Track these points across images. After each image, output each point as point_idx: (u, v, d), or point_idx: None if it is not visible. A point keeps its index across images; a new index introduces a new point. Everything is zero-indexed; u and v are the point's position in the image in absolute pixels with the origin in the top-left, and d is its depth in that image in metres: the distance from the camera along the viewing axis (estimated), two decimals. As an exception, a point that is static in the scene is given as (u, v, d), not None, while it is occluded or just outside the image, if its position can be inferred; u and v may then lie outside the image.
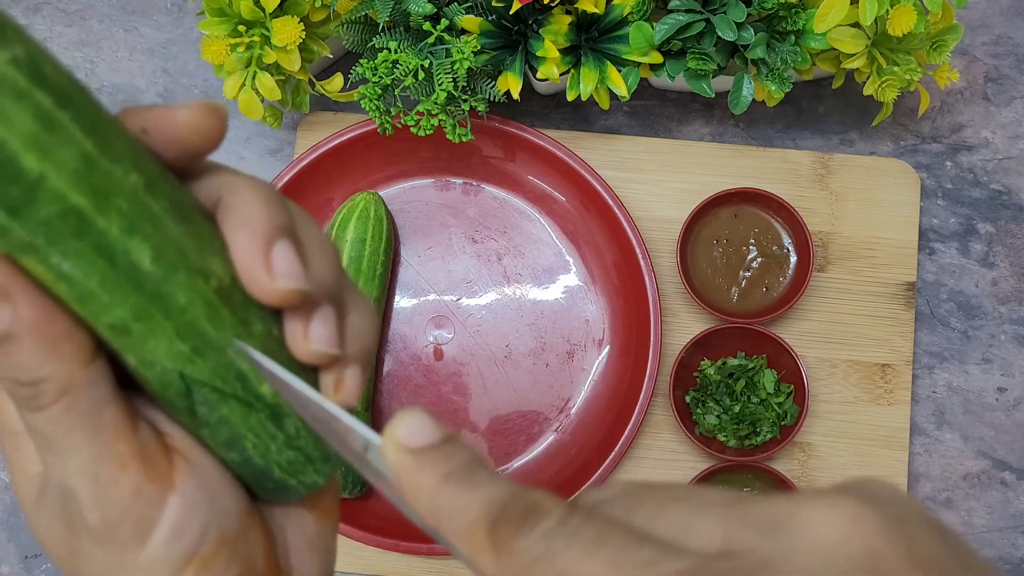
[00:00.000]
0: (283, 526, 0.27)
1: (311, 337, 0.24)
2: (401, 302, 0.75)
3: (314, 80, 0.71)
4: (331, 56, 0.71)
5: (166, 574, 0.23)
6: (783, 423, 0.71)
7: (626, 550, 0.19)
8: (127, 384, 0.24)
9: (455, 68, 0.63)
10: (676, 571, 0.19)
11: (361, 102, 0.66)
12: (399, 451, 0.23)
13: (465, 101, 0.66)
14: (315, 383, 0.26)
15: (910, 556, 0.19)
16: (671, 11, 0.62)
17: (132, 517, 0.23)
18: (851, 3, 0.61)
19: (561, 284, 0.75)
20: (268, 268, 0.23)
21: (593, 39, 0.67)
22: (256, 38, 0.65)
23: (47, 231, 0.21)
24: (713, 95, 0.66)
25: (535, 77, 0.69)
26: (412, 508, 0.23)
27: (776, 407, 0.71)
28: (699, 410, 0.72)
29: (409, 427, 0.23)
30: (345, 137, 0.73)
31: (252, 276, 0.23)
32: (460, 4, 0.64)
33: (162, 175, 0.23)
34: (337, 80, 0.71)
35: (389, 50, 0.64)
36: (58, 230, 0.21)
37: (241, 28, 0.64)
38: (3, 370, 0.22)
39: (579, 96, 0.67)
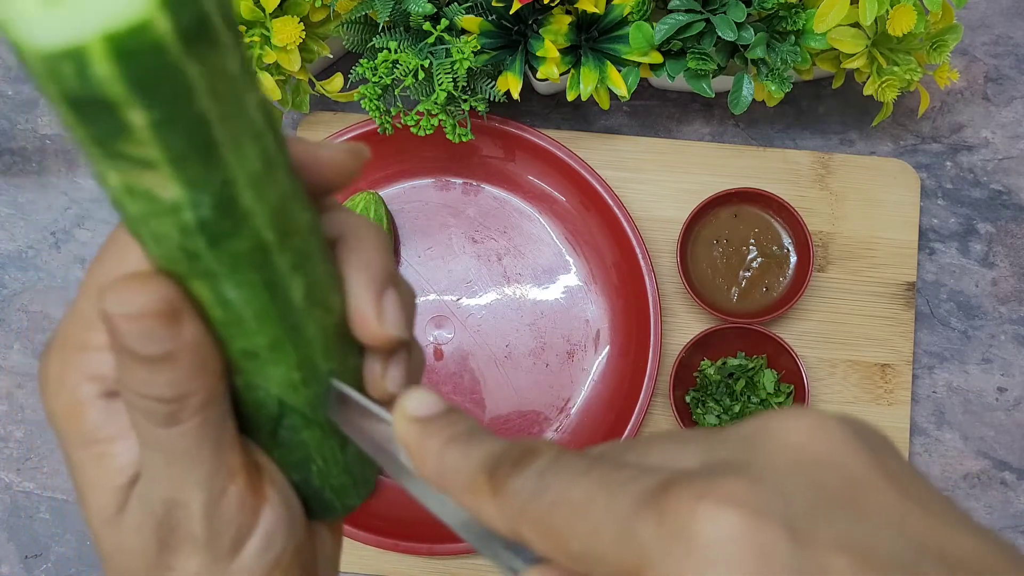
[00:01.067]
0: (314, 543, 0.29)
1: (388, 378, 0.26)
2: (401, 302, 0.75)
3: (314, 80, 0.71)
4: (331, 56, 0.71)
5: None
6: (783, 423, 0.71)
7: (613, 472, 0.21)
8: None
9: (455, 68, 0.63)
10: (659, 480, 0.20)
11: (361, 102, 0.66)
12: (407, 422, 0.24)
13: (465, 101, 0.66)
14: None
15: (875, 464, 0.20)
16: (671, 11, 0.62)
17: (235, 527, 0.24)
18: (851, 3, 0.61)
19: (561, 284, 0.75)
20: (380, 314, 0.25)
21: (593, 39, 0.67)
22: (256, 38, 0.65)
23: (234, 262, 0.21)
24: (713, 95, 0.66)
25: (535, 77, 0.69)
26: (419, 477, 0.24)
27: (776, 407, 0.71)
28: (699, 410, 0.72)
29: (416, 401, 0.24)
30: (345, 137, 0.73)
31: (364, 318, 0.25)
32: (460, 4, 0.64)
33: (316, 213, 0.24)
34: (337, 80, 0.71)
35: (389, 50, 0.64)
36: (243, 263, 0.21)
37: (241, 28, 0.64)
38: (150, 387, 0.22)
39: (579, 96, 0.67)
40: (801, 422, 0.21)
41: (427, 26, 0.63)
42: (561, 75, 0.66)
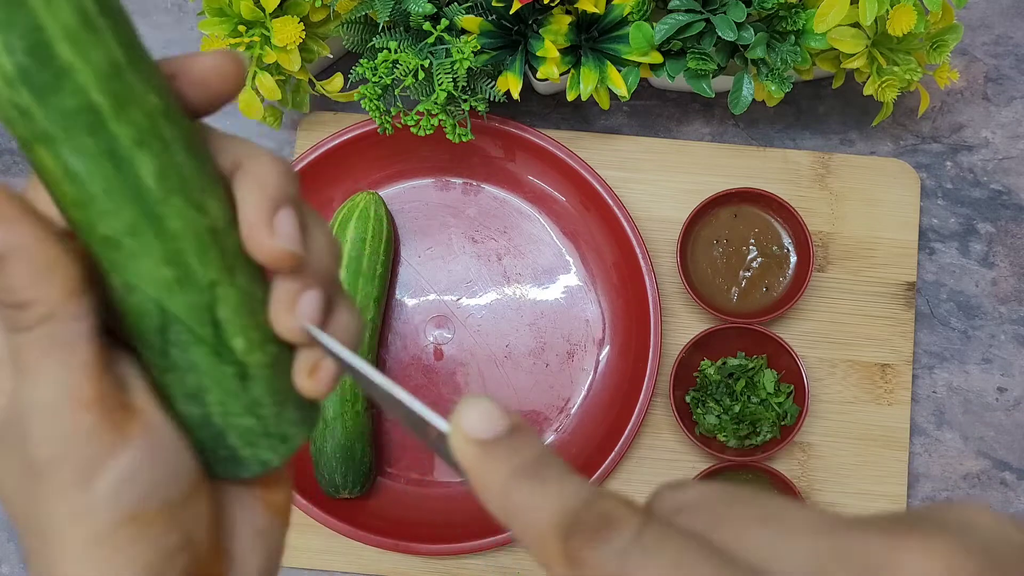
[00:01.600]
0: (232, 510, 0.27)
1: (297, 310, 0.25)
2: (401, 302, 0.75)
3: (314, 80, 0.71)
4: (331, 56, 0.71)
5: (104, 525, 0.23)
6: (783, 423, 0.71)
7: (705, 570, 0.19)
8: (113, 340, 0.25)
9: (455, 68, 0.63)
10: None
11: (361, 102, 0.66)
12: (467, 443, 0.23)
13: (465, 101, 0.66)
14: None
15: None
16: (671, 11, 0.62)
17: (78, 458, 0.23)
18: (851, 3, 0.61)
19: (561, 284, 0.75)
20: (270, 226, 0.24)
21: (593, 39, 0.67)
22: (256, 38, 0.65)
23: (65, 122, 0.22)
24: (713, 95, 0.66)
25: (535, 77, 0.69)
26: (483, 503, 0.23)
27: (776, 407, 0.71)
28: (699, 410, 0.72)
29: (477, 416, 0.23)
30: (345, 137, 0.73)
31: (254, 231, 0.24)
32: (460, 4, 0.64)
33: (181, 114, 0.24)
34: (337, 80, 0.71)
35: (389, 50, 0.64)
36: (75, 123, 0.22)
37: (241, 28, 0.64)
38: None
39: (579, 96, 0.67)
40: (932, 562, 0.19)
41: (427, 26, 0.63)
42: (561, 75, 0.66)
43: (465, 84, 0.65)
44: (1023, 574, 0.19)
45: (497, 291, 0.75)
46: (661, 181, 0.76)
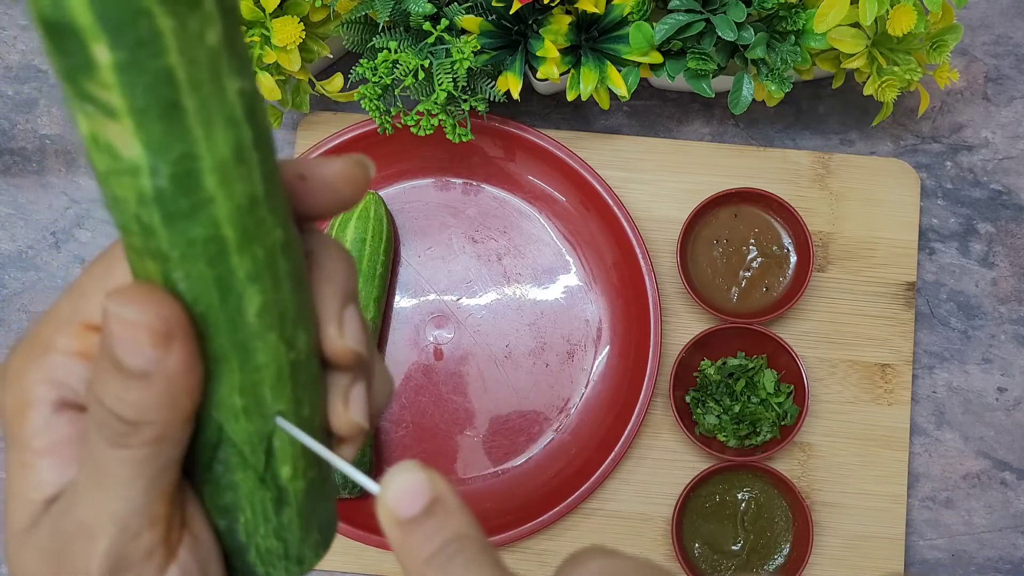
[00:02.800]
0: None
1: (351, 409, 0.26)
2: (401, 302, 0.75)
3: (314, 80, 0.71)
4: (331, 56, 0.71)
5: None
6: (783, 423, 0.72)
7: None
8: None
9: (455, 68, 0.63)
10: None
11: (361, 102, 0.66)
12: (389, 522, 0.23)
13: (465, 101, 0.66)
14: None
15: None
16: (671, 11, 0.62)
17: (136, 573, 0.23)
18: (851, 3, 0.61)
19: (561, 284, 0.75)
20: (341, 326, 0.25)
21: (593, 39, 0.67)
22: (256, 38, 0.65)
23: (187, 249, 0.21)
24: (713, 95, 0.66)
25: (535, 77, 0.69)
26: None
27: (776, 407, 0.71)
28: (699, 410, 0.72)
29: (398, 492, 0.23)
30: (345, 137, 0.73)
31: (328, 330, 0.25)
32: (460, 4, 0.64)
33: (296, 241, 0.23)
34: (337, 80, 0.71)
35: (389, 50, 0.64)
36: (197, 252, 0.21)
37: (242, 28, 0.64)
38: (115, 400, 0.22)
39: (579, 96, 0.67)
40: None
41: (427, 26, 0.63)
42: (561, 75, 0.66)
43: (465, 84, 0.65)
44: None
45: (497, 291, 0.75)
46: (661, 181, 0.76)
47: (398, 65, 0.64)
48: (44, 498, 0.23)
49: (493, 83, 0.67)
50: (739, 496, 0.71)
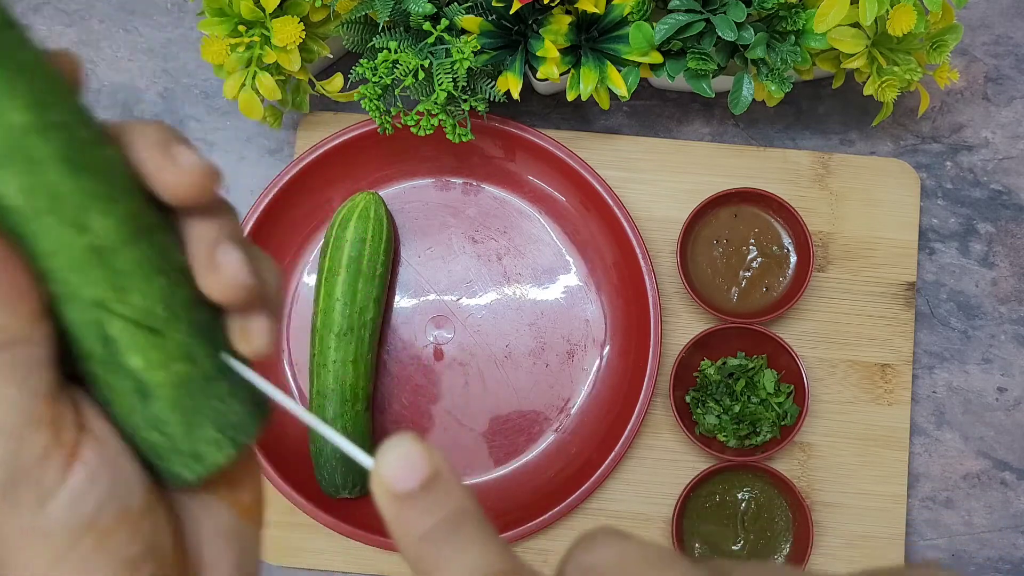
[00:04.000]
0: (196, 515, 0.27)
1: (222, 267, 0.25)
2: (401, 302, 0.75)
3: (314, 80, 0.71)
4: (331, 56, 0.71)
5: (64, 540, 0.23)
6: (783, 423, 0.72)
7: None
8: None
9: (455, 68, 0.63)
10: None
11: (361, 102, 0.66)
12: (384, 496, 0.23)
13: (465, 101, 0.66)
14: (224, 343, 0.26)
15: None
16: (671, 11, 0.62)
17: (35, 478, 0.23)
18: (851, 3, 0.61)
19: (561, 284, 0.75)
20: (211, 268, 0.25)
21: (593, 39, 0.67)
22: (256, 38, 0.65)
23: None
24: (713, 95, 0.66)
25: (535, 77, 0.69)
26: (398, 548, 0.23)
27: (776, 407, 0.71)
28: (699, 410, 0.72)
29: (395, 465, 0.23)
30: (345, 137, 0.73)
31: (198, 277, 0.25)
32: (460, 4, 0.64)
33: (73, 131, 0.23)
34: (337, 80, 0.71)
35: (389, 50, 0.64)
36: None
37: (241, 28, 0.64)
38: None
39: (579, 96, 0.67)
40: None
41: (427, 26, 0.63)
42: (561, 75, 0.66)
43: (465, 84, 0.65)
44: None
45: (497, 291, 0.75)
46: (661, 181, 0.76)
47: (398, 65, 0.64)
48: None
49: (493, 83, 0.67)
50: (739, 496, 0.71)
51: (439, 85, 0.64)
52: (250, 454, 0.29)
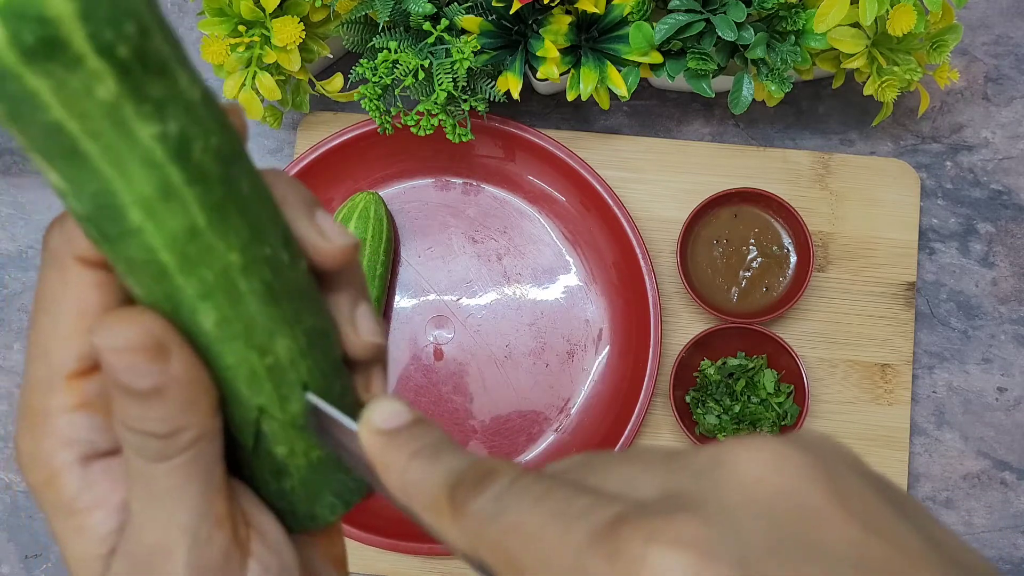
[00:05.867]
0: (315, 573, 0.29)
1: (360, 329, 0.26)
2: (401, 302, 0.75)
3: (314, 80, 0.71)
4: (331, 56, 0.71)
5: None
6: (783, 423, 0.72)
7: (568, 500, 0.20)
8: None
9: (455, 68, 0.63)
10: (612, 514, 0.19)
11: (361, 102, 0.66)
12: (372, 433, 0.24)
13: (465, 101, 0.66)
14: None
15: (835, 495, 0.19)
16: (671, 11, 0.62)
17: None
18: (851, 3, 0.61)
19: (561, 284, 0.75)
20: (354, 326, 0.26)
21: (593, 39, 0.67)
22: (256, 38, 0.65)
23: (130, 266, 0.22)
24: (713, 95, 0.66)
25: (535, 77, 0.69)
26: (386, 489, 0.24)
27: (776, 407, 0.71)
28: (699, 410, 0.72)
29: (383, 411, 0.24)
30: (345, 137, 0.73)
31: (344, 332, 0.26)
32: (460, 4, 0.64)
33: (268, 264, 0.24)
34: (337, 80, 0.71)
35: (389, 50, 0.64)
36: (139, 270, 0.22)
37: (241, 28, 0.64)
38: (142, 422, 0.22)
39: (579, 96, 0.67)
40: (760, 453, 0.20)
41: (427, 26, 0.63)
42: (561, 75, 0.66)
43: (465, 84, 0.65)
44: (849, 472, 0.20)
45: (497, 291, 0.75)
46: (661, 181, 0.76)
47: (398, 65, 0.64)
48: (107, 550, 0.24)
49: (493, 83, 0.67)
50: (739, 496, 0.71)
51: (439, 85, 0.64)
52: None
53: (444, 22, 0.64)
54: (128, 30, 0.20)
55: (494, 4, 0.63)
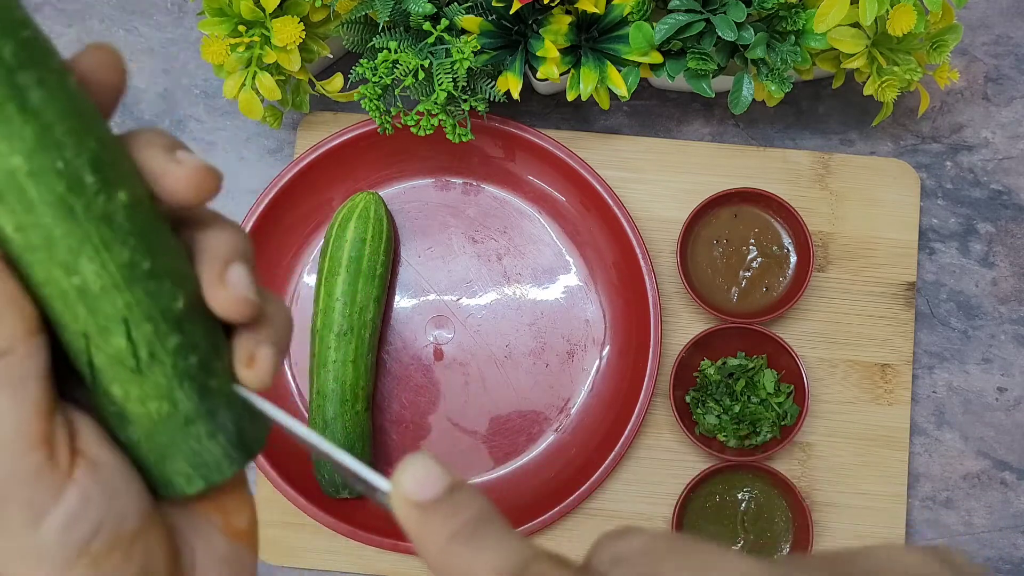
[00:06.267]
0: (190, 539, 0.27)
1: (229, 282, 0.26)
2: (401, 302, 0.75)
3: (314, 80, 0.71)
4: (331, 56, 0.71)
5: (57, 563, 0.23)
6: (783, 423, 0.71)
7: None
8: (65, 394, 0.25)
9: (455, 68, 0.63)
10: None
11: (361, 102, 0.66)
12: (406, 505, 0.23)
13: (465, 101, 0.66)
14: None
15: None
16: (671, 11, 0.62)
17: (26, 498, 0.23)
18: (851, 3, 0.61)
19: (561, 284, 0.75)
20: (220, 282, 0.26)
21: (593, 39, 0.67)
22: (256, 38, 0.65)
23: None
24: (713, 95, 0.66)
25: (535, 77, 0.69)
26: (423, 560, 0.23)
27: (776, 407, 0.71)
28: (699, 410, 0.72)
29: (416, 478, 0.23)
30: (345, 137, 0.73)
31: (207, 290, 0.26)
32: (460, 4, 0.64)
33: (74, 179, 0.24)
34: (337, 80, 0.71)
35: (389, 50, 0.64)
36: None
37: (241, 28, 0.64)
38: None
39: (579, 96, 0.67)
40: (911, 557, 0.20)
41: (427, 26, 0.63)
42: (561, 75, 0.66)
43: (465, 84, 0.65)
44: None
45: (497, 291, 0.75)
46: (661, 181, 0.76)
47: (398, 65, 0.64)
48: None
49: (493, 83, 0.67)
50: (739, 496, 0.71)
51: (439, 85, 0.64)
52: (241, 480, 0.29)
53: (444, 22, 0.64)
54: None
55: (494, 4, 0.63)
